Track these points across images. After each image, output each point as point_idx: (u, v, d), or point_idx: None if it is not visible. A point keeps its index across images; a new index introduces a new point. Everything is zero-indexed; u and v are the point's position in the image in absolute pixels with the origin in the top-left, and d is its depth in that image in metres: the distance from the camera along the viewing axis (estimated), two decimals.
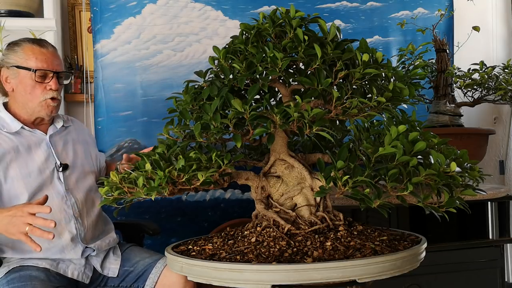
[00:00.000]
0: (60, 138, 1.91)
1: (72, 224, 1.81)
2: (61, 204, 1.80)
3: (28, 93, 1.79)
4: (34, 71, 1.77)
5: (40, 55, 1.79)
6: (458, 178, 1.23)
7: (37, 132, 1.85)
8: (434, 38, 2.50)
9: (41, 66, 1.78)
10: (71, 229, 1.80)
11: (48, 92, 1.80)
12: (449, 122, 2.42)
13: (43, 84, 1.79)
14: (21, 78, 1.79)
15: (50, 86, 1.80)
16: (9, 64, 1.80)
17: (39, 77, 1.78)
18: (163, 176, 1.24)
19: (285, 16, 1.34)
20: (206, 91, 1.34)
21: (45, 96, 1.80)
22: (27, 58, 1.78)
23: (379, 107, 1.28)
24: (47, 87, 1.80)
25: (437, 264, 2.20)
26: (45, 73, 1.79)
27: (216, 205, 2.79)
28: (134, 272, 1.88)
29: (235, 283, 1.19)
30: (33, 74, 1.77)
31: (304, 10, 1.37)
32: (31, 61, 1.78)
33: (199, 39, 2.80)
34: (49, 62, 1.80)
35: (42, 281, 1.66)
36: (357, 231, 1.36)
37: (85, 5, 2.80)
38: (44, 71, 1.79)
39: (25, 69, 1.78)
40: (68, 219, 1.81)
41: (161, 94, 2.70)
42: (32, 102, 1.80)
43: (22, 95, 1.80)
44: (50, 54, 1.82)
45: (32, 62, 1.78)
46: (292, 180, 1.40)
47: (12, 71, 1.80)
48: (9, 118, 1.81)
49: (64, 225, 1.79)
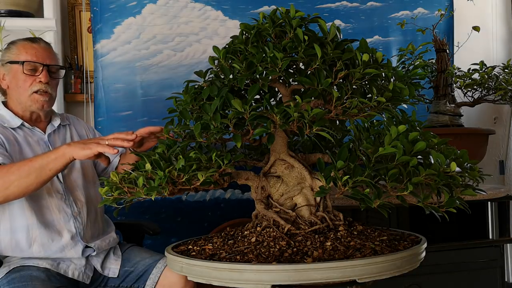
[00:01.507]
0: (58, 137, 1.92)
1: (71, 223, 1.81)
2: (60, 203, 1.81)
3: (19, 86, 1.81)
4: (22, 63, 1.80)
5: (30, 49, 1.82)
6: (458, 178, 1.23)
7: (36, 130, 1.86)
8: (434, 38, 2.50)
9: (30, 59, 1.81)
10: (70, 228, 1.80)
11: (37, 84, 1.81)
12: (449, 122, 2.42)
13: (32, 77, 1.81)
14: (13, 73, 1.82)
15: (40, 79, 1.81)
16: (3, 62, 1.85)
17: (28, 70, 1.80)
18: (163, 176, 1.24)
19: (285, 16, 1.34)
20: (206, 91, 1.34)
21: (33, 89, 1.81)
22: (18, 53, 1.82)
23: (379, 107, 1.28)
24: (36, 79, 1.81)
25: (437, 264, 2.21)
26: (35, 66, 1.81)
27: (216, 205, 2.79)
28: (135, 273, 1.88)
29: (235, 283, 1.19)
30: (21, 66, 1.79)
31: (304, 10, 1.36)
32: (21, 55, 1.81)
33: (199, 39, 2.80)
34: (38, 55, 1.82)
35: (42, 281, 1.66)
36: (357, 231, 1.36)
37: (85, 5, 2.80)
38: (33, 63, 1.81)
39: (15, 63, 1.81)
40: (67, 218, 1.81)
41: (161, 94, 2.71)
42: (23, 95, 1.82)
43: (14, 89, 1.83)
44: (41, 49, 1.84)
45: (22, 56, 1.81)
46: (292, 180, 1.40)
47: (6, 68, 1.84)
48: (9, 115, 1.83)
49: (63, 224, 1.79)
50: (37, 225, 1.75)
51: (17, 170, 1.59)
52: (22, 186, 1.60)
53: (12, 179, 1.58)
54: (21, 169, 1.59)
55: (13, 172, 1.59)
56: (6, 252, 1.76)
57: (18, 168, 1.59)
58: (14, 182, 1.58)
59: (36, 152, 1.81)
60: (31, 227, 1.74)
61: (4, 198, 1.62)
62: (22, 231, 1.74)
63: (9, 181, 1.58)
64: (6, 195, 1.61)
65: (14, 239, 1.74)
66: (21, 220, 1.74)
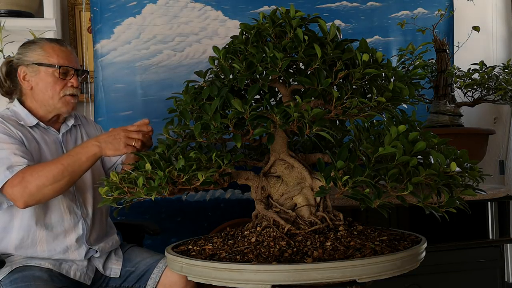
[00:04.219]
0: (70, 137, 1.91)
1: (80, 225, 1.81)
2: (71, 204, 1.80)
3: (48, 89, 1.78)
4: (58, 67, 1.77)
5: (60, 52, 1.80)
6: (458, 178, 1.23)
7: (51, 129, 1.85)
8: (434, 38, 2.50)
9: (63, 63, 1.79)
10: (78, 230, 1.80)
11: (69, 88, 1.80)
12: (449, 122, 2.42)
13: (64, 81, 1.79)
14: (42, 75, 1.78)
15: (72, 83, 1.80)
16: (28, 62, 1.79)
17: (62, 73, 1.78)
18: (163, 176, 1.24)
19: (285, 16, 1.34)
20: (206, 91, 1.34)
21: (65, 92, 1.79)
22: (48, 55, 1.78)
23: (379, 107, 1.28)
24: (68, 83, 1.80)
25: (437, 264, 2.20)
26: (67, 70, 1.80)
27: (216, 205, 2.79)
28: (136, 273, 1.88)
29: (235, 283, 1.19)
30: (56, 70, 1.77)
31: (304, 10, 1.36)
32: (53, 58, 1.78)
33: (199, 39, 2.79)
34: (70, 60, 1.81)
35: (45, 281, 1.66)
36: (357, 231, 1.36)
37: (85, 5, 2.80)
38: (67, 67, 1.79)
39: (48, 65, 1.77)
40: (77, 219, 1.80)
41: (161, 94, 2.70)
42: (53, 99, 1.79)
43: (42, 92, 1.79)
44: (70, 52, 1.83)
45: (54, 59, 1.78)
46: (292, 180, 1.40)
47: (32, 69, 1.78)
48: (24, 113, 1.80)
49: (72, 225, 1.79)
50: (45, 225, 1.75)
51: (49, 172, 1.59)
52: (56, 190, 1.61)
53: (45, 183, 1.58)
54: (54, 172, 1.59)
55: (46, 175, 1.58)
56: (10, 250, 1.75)
57: (51, 171, 1.59)
58: (47, 186, 1.59)
59: (53, 151, 1.80)
60: (38, 226, 1.74)
61: (37, 201, 1.63)
62: (29, 230, 1.73)
63: (43, 185, 1.59)
64: (38, 199, 1.62)
65: (20, 237, 1.73)
66: (29, 219, 1.72)
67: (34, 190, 1.59)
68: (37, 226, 1.74)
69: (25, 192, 1.58)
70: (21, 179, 1.59)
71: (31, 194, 1.59)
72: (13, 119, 1.77)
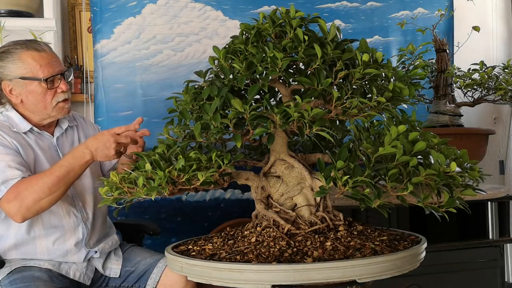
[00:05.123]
0: (66, 139, 1.88)
1: (80, 229, 1.80)
2: (70, 208, 1.79)
3: (39, 101, 1.74)
4: (44, 80, 1.71)
5: (41, 60, 1.72)
6: (458, 178, 1.23)
7: (45, 134, 1.82)
8: (434, 38, 2.50)
9: (48, 73, 1.72)
10: (78, 234, 1.79)
11: (59, 95, 1.76)
12: (449, 122, 2.42)
13: (53, 90, 1.74)
14: (30, 88, 1.72)
15: (61, 89, 1.76)
16: (10, 77, 1.72)
17: (49, 83, 1.73)
18: (163, 176, 1.24)
19: (285, 16, 1.34)
20: (206, 91, 1.34)
21: (57, 99, 1.76)
22: (30, 67, 1.71)
23: (379, 107, 1.28)
24: (57, 90, 1.75)
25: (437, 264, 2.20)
26: (53, 78, 1.74)
27: (216, 205, 2.79)
28: (136, 272, 1.88)
29: (235, 283, 1.19)
30: (43, 82, 1.72)
31: (304, 10, 1.36)
32: (35, 69, 1.71)
33: (199, 39, 2.79)
34: (53, 65, 1.74)
35: (45, 282, 1.66)
36: (357, 231, 1.36)
37: (85, 5, 2.80)
38: (53, 77, 1.74)
39: (32, 79, 1.71)
40: (77, 222, 1.80)
41: (161, 94, 2.70)
42: (47, 109, 1.76)
43: (34, 104, 1.75)
44: (50, 56, 1.76)
45: (38, 71, 1.71)
46: (292, 180, 1.40)
47: (18, 83, 1.72)
48: (18, 118, 1.76)
49: (72, 229, 1.78)
50: (45, 229, 1.74)
51: (45, 185, 1.59)
52: (53, 201, 1.63)
53: (41, 196, 1.59)
54: (49, 184, 1.59)
55: (41, 188, 1.59)
56: (10, 254, 1.75)
57: (46, 183, 1.59)
58: (44, 199, 1.60)
59: (49, 157, 1.77)
60: (38, 230, 1.74)
61: (34, 214, 1.64)
62: (29, 234, 1.73)
63: (39, 198, 1.59)
64: (36, 212, 1.63)
65: (20, 241, 1.73)
66: (29, 223, 1.72)
67: (30, 204, 1.59)
68: (36, 232, 1.73)
69: (22, 207, 1.59)
70: (16, 194, 1.59)
71: (28, 208, 1.60)
72: (6, 125, 1.74)
